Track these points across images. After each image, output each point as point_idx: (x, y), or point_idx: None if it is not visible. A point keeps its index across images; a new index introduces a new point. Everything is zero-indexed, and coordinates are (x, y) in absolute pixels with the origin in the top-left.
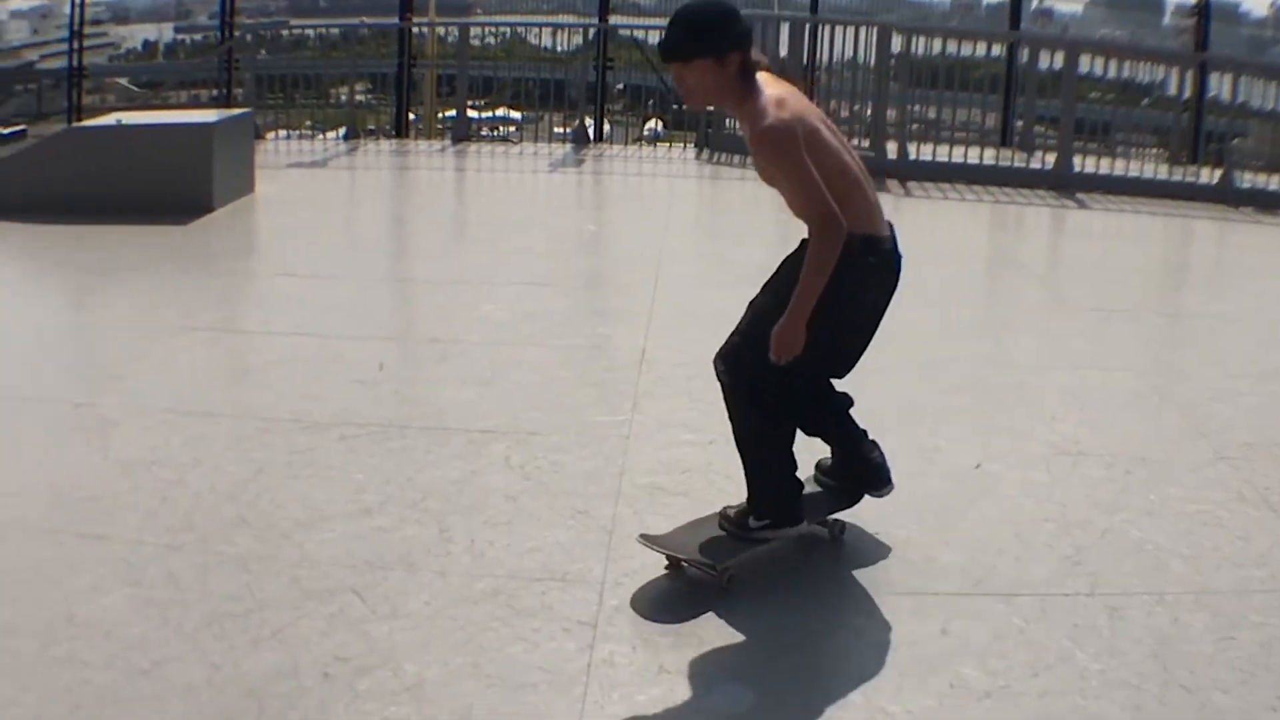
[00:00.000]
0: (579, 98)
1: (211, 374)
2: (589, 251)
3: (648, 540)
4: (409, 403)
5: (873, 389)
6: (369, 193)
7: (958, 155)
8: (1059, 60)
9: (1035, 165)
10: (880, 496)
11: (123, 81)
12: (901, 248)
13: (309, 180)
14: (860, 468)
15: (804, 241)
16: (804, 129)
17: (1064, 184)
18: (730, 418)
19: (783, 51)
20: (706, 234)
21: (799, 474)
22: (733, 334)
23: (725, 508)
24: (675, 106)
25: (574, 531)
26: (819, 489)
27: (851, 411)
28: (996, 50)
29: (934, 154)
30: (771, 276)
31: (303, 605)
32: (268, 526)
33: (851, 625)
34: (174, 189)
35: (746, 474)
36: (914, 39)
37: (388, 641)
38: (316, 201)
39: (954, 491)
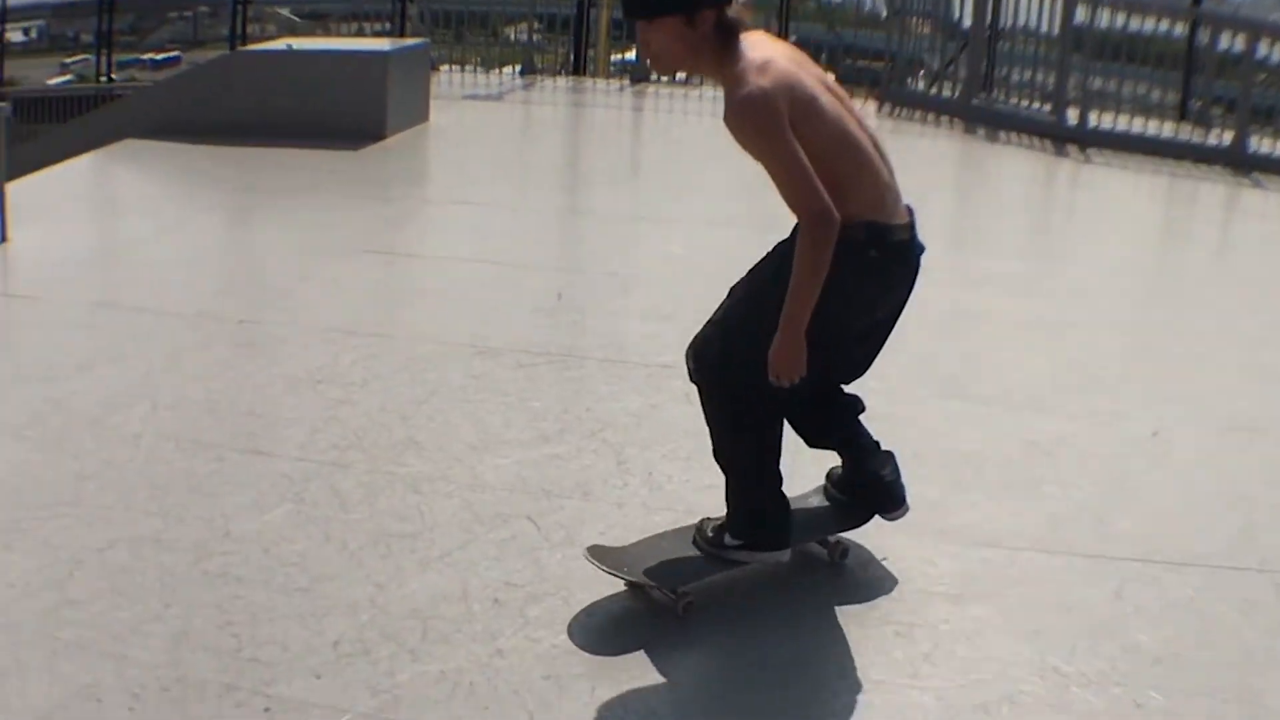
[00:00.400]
0: None
1: (384, 296)
2: (770, 194)
3: (595, 556)
4: (588, 333)
5: (1054, 352)
6: (546, 127)
7: (1136, 126)
8: (1239, 42)
9: (1212, 142)
10: (892, 519)
11: (284, 12)
12: (922, 239)
13: (485, 112)
14: (869, 485)
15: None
16: (793, 99)
17: (1239, 163)
18: (706, 421)
19: (966, 19)
20: None
21: (824, 486)
22: (706, 324)
23: (704, 520)
24: (848, 61)
25: None
26: (825, 503)
27: (863, 418)
28: (1179, 29)
29: (1114, 123)
30: (760, 260)
31: (474, 529)
32: (439, 449)
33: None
34: (345, 116)
35: (726, 486)
36: (1098, 10)
37: (561, 569)
38: (493, 133)
39: (1130, 457)
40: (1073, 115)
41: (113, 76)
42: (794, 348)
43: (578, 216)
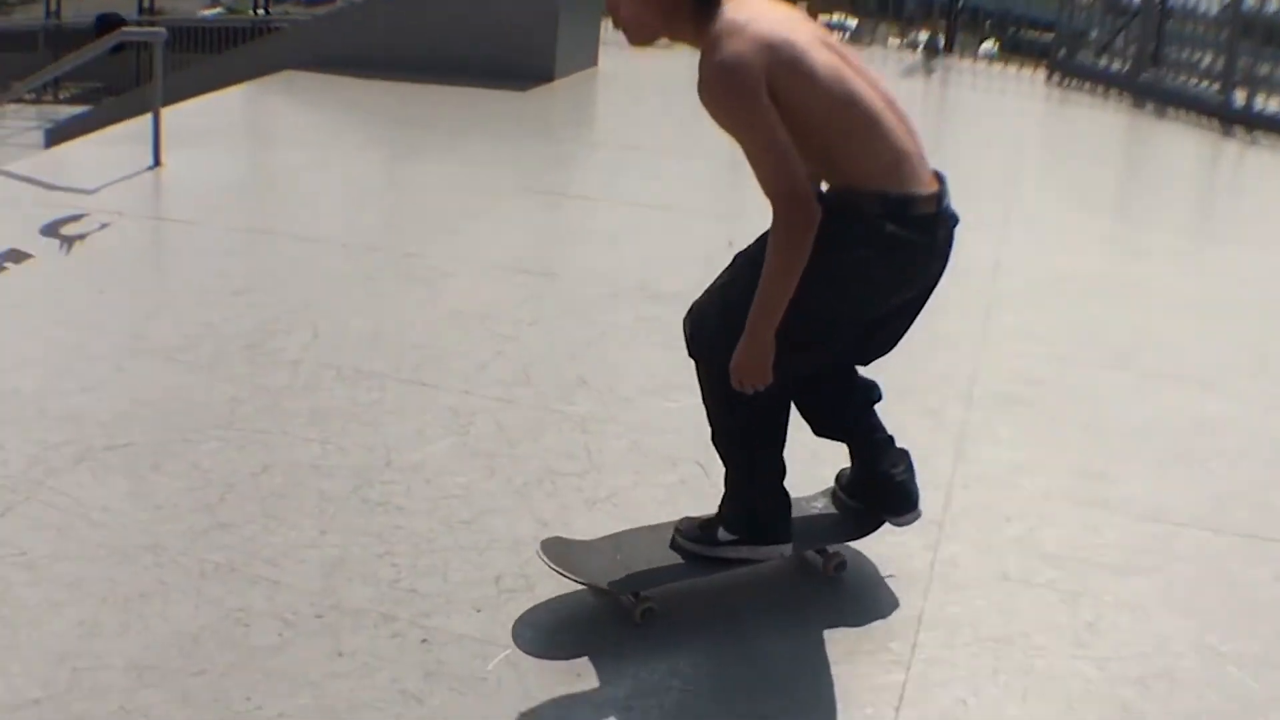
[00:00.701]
0: (916, 11)
1: (551, 236)
2: (943, 160)
3: (547, 553)
4: None
5: (1221, 330)
6: None
7: None
8: None
9: None
10: (902, 525)
11: None
12: (954, 209)
13: (654, 60)
14: (879, 485)
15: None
16: (774, 61)
17: None
18: (703, 400)
19: None
20: (1058, 157)
21: (831, 489)
22: (706, 292)
23: (684, 519)
24: (1012, 30)
25: (925, 430)
26: (831, 509)
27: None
28: None
29: None
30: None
31: (642, 471)
32: (608, 390)
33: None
34: (513, 57)
35: (726, 475)
36: None
37: None
38: (662, 81)
39: None
40: (1240, 97)
41: (268, 10)
42: (759, 353)
43: (746, 167)
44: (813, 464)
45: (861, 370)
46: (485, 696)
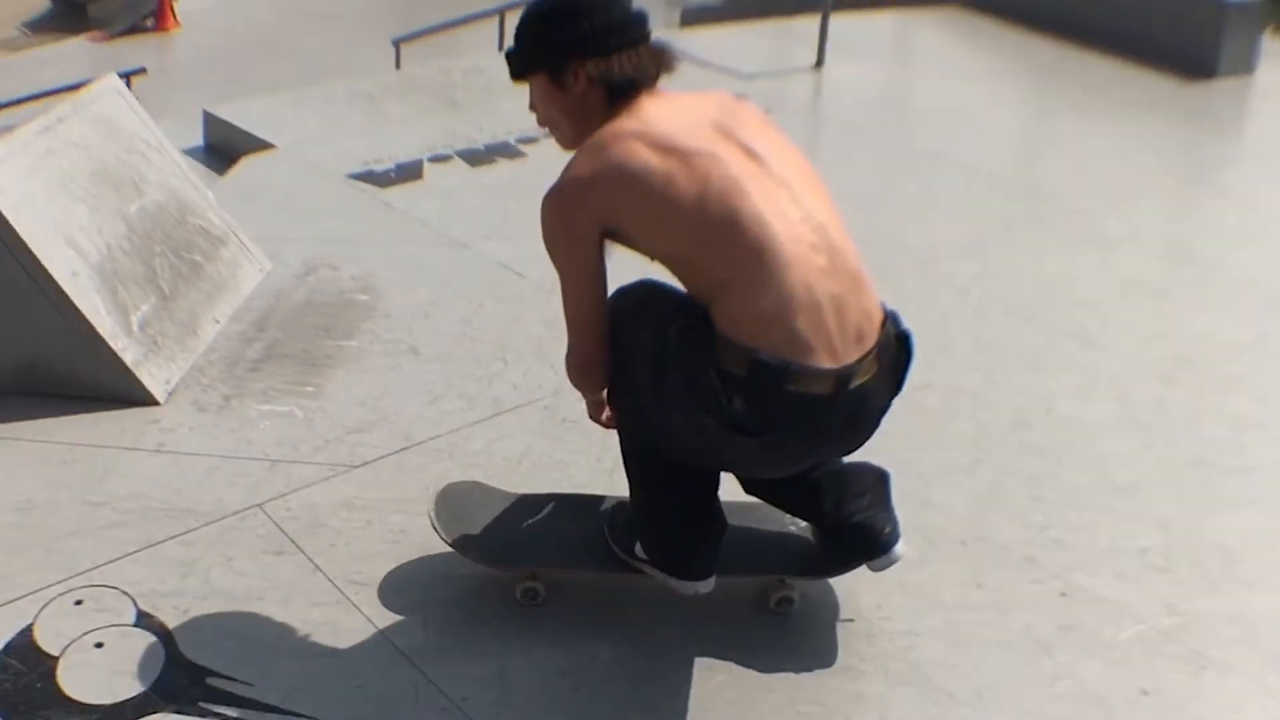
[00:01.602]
0: None
1: (1213, 228)
2: None
3: (437, 503)
4: None
5: None
6: None
7: None
8: None
9: None
10: (877, 569)
11: None
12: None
13: None
14: (836, 531)
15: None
16: (620, 193)
17: None
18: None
19: None
20: None
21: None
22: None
23: (619, 505)
24: None
25: None
26: (808, 535)
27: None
28: None
29: None
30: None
31: None
32: (1268, 395)
33: None
34: (1175, 43)
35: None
36: None
37: None
38: None
39: None
40: None
41: None
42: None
43: None
44: None
45: None
46: (1114, 663)
